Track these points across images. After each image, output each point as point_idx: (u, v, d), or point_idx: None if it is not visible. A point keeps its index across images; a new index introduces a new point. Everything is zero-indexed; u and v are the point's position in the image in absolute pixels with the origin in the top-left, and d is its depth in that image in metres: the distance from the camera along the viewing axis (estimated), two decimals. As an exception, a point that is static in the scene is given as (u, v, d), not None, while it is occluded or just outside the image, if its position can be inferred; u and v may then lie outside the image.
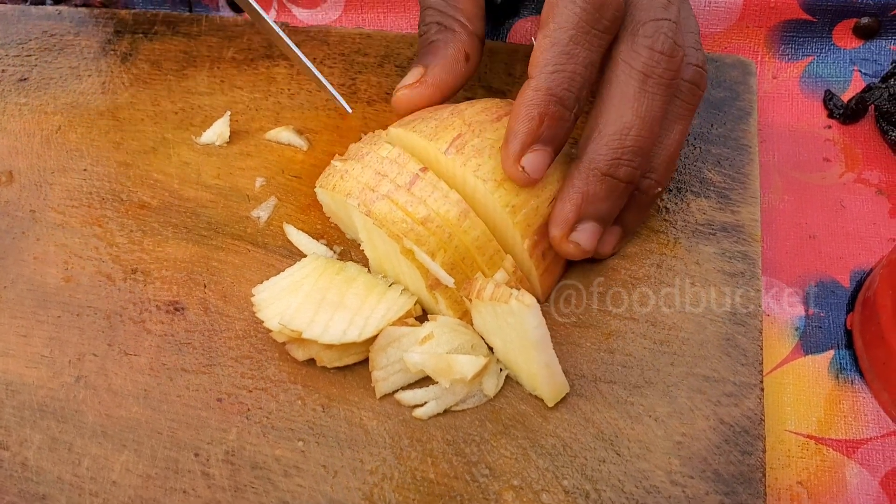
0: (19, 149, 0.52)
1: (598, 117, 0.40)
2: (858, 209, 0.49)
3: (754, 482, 0.37)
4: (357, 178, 0.40)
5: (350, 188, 0.40)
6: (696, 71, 0.42)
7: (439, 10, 0.45)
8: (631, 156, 0.39)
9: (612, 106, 0.39)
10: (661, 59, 0.39)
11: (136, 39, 0.58)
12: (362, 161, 0.41)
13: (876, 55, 0.54)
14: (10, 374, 0.43)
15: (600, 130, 0.39)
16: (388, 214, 0.39)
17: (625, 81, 0.39)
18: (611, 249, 0.44)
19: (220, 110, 0.53)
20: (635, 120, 0.39)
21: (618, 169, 0.39)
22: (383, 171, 0.40)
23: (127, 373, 0.42)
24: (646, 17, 0.39)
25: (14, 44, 0.58)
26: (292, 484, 0.38)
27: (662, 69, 0.39)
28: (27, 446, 0.40)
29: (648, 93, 0.39)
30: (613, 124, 0.39)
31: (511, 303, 0.37)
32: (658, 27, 0.39)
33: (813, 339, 0.45)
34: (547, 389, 0.39)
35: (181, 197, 0.49)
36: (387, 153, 0.41)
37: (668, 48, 0.39)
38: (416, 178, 0.39)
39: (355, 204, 0.40)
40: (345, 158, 0.42)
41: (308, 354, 0.41)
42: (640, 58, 0.39)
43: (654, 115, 0.39)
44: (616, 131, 0.39)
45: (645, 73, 0.39)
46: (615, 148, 0.39)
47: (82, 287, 0.46)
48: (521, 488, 0.37)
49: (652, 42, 0.39)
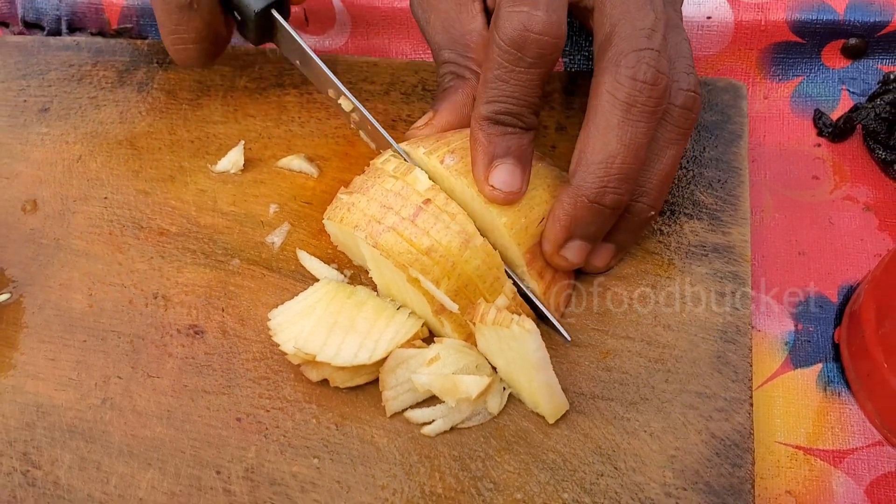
0: (42, 178, 0.55)
1: (585, 145, 0.42)
2: (847, 226, 0.51)
3: (744, 493, 0.39)
4: (363, 210, 0.43)
5: (357, 220, 0.43)
6: (688, 96, 0.43)
7: (454, 59, 0.48)
8: (617, 183, 0.41)
9: (598, 135, 0.41)
10: (644, 87, 0.41)
11: (151, 69, 0.60)
12: (367, 194, 0.43)
13: (864, 74, 0.56)
14: (40, 397, 0.45)
15: (587, 159, 0.42)
16: (394, 246, 0.41)
17: (609, 111, 0.41)
18: (603, 265, 0.46)
19: (234, 139, 0.55)
20: (620, 148, 0.41)
21: (604, 196, 0.42)
22: (388, 203, 0.42)
23: (150, 394, 0.44)
24: (628, 47, 0.41)
25: (35, 74, 0.61)
26: (309, 499, 0.40)
27: (645, 98, 0.41)
28: (58, 465, 0.43)
29: (632, 121, 0.41)
30: (600, 153, 0.41)
31: (512, 327, 0.39)
32: (640, 57, 0.41)
33: (802, 353, 0.47)
34: (547, 407, 0.41)
35: (198, 223, 0.51)
36: (391, 186, 0.43)
37: (650, 77, 0.41)
38: (419, 209, 0.42)
39: (362, 236, 0.42)
40: (350, 191, 0.44)
41: (321, 375, 0.43)
42: (623, 88, 0.41)
43: (639, 142, 0.41)
44: (602, 160, 0.41)
45: (628, 103, 0.41)
46: (601, 176, 0.41)
47: (106, 312, 0.48)
48: (523, 501, 0.40)
49: (634, 72, 0.41)
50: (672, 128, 0.43)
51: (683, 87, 0.43)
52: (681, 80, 0.43)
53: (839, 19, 0.55)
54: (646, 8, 0.42)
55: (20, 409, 0.45)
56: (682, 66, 0.44)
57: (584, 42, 0.58)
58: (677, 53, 0.44)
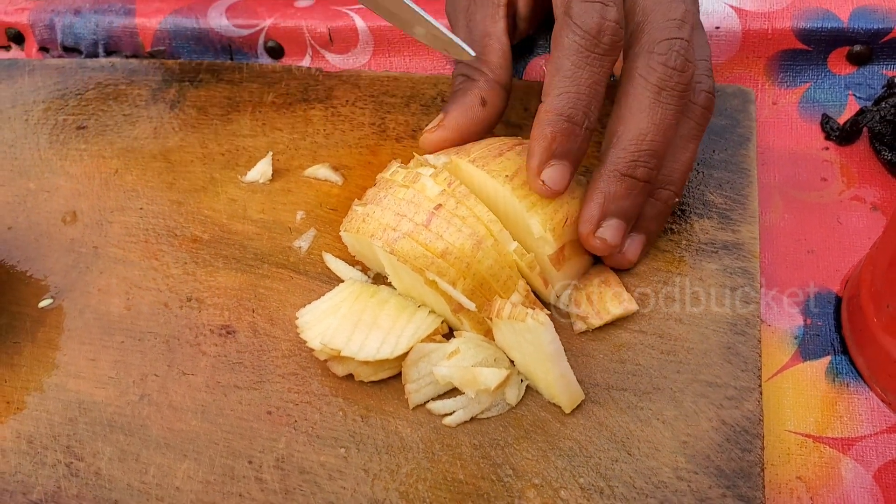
0: (81, 191, 0.58)
1: (617, 125, 0.45)
2: (854, 225, 0.53)
3: (753, 476, 0.41)
4: (378, 219, 0.45)
5: (373, 230, 0.45)
6: (707, 97, 0.47)
7: (467, 63, 0.50)
8: (647, 157, 0.44)
9: (630, 115, 0.44)
10: (674, 73, 0.44)
11: (183, 87, 0.63)
12: (381, 204, 0.45)
13: (869, 80, 0.58)
14: (82, 394, 0.48)
15: (619, 136, 0.44)
16: (410, 251, 0.44)
17: (641, 94, 0.44)
18: (635, 257, 0.48)
19: (262, 151, 0.58)
20: (651, 127, 0.44)
21: (636, 169, 0.44)
22: (401, 211, 0.45)
23: (186, 390, 0.47)
24: (661, 35, 0.44)
25: (73, 94, 0.64)
26: (336, 486, 0.42)
27: (675, 82, 0.44)
28: (100, 457, 0.45)
29: (662, 103, 0.44)
30: (632, 131, 0.44)
31: (527, 321, 0.41)
32: (671, 45, 0.44)
33: (811, 346, 0.48)
34: (563, 397, 0.43)
35: (230, 231, 0.54)
36: (402, 195, 0.45)
37: (680, 64, 0.44)
38: (432, 215, 0.44)
39: (379, 244, 0.44)
40: (364, 202, 0.47)
41: (347, 370, 0.45)
42: (655, 73, 0.44)
43: (668, 122, 0.44)
44: (634, 137, 0.44)
45: (659, 87, 0.44)
46: (633, 151, 0.44)
47: (143, 315, 0.50)
48: (541, 486, 0.41)
49: (666, 59, 0.44)
50: (694, 124, 0.47)
51: (704, 88, 0.47)
52: (703, 81, 0.47)
53: (844, 27, 0.57)
54: (677, 0, 0.45)
55: (63, 405, 0.47)
56: (703, 68, 0.47)
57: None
58: (700, 54, 0.48)
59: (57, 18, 0.69)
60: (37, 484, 0.45)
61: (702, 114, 0.47)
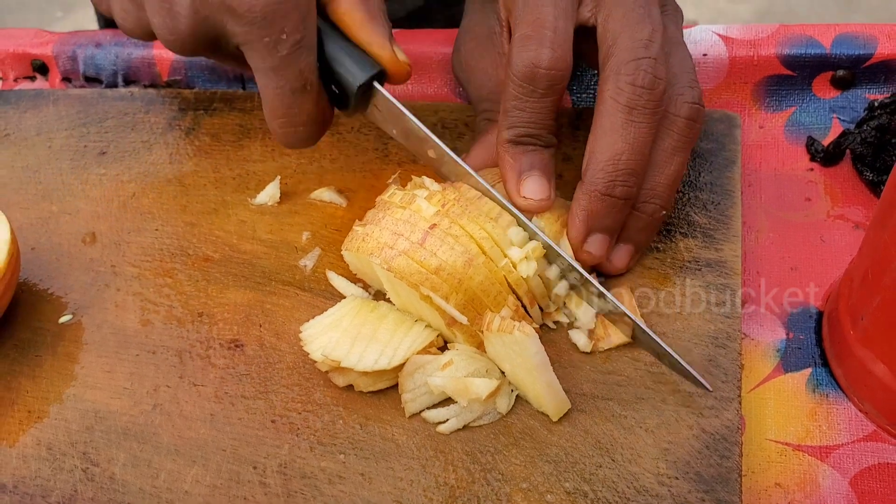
0: (100, 213, 0.61)
1: (594, 146, 0.47)
2: (837, 243, 0.55)
3: (731, 482, 0.43)
4: (377, 238, 0.47)
5: (371, 248, 0.47)
6: (692, 108, 0.48)
7: (490, 108, 0.54)
8: (625, 177, 0.47)
9: (605, 136, 0.47)
10: (643, 92, 0.46)
11: (197, 115, 0.66)
12: (379, 224, 0.48)
13: (853, 103, 0.60)
14: (98, 404, 0.50)
15: (596, 157, 0.47)
16: (406, 268, 0.46)
17: (613, 115, 0.46)
18: (624, 265, 0.50)
19: (271, 175, 0.61)
20: (625, 147, 0.46)
21: (615, 189, 0.47)
22: (398, 230, 0.47)
23: (196, 400, 0.49)
24: (628, 56, 0.46)
25: (94, 122, 0.68)
26: (336, 490, 0.45)
27: (645, 100, 0.46)
28: (114, 463, 0.48)
29: (635, 122, 0.46)
30: (607, 151, 0.47)
31: (515, 333, 0.43)
32: (638, 65, 0.46)
33: (792, 359, 0.50)
34: (550, 406, 0.45)
35: (239, 250, 0.57)
36: (400, 215, 0.48)
37: (648, 82, 0.46)
38: (426, 234, 0.46)
39: (378, 262, 0.47)
40: (364, 223, 0.49)
41: (347, 381, 0.48)
42: (624, 94, 0.46)
43: (643, 140, 0.47)
44: (610, 157, 0.46)
45: (630, 106, 0.46)
46: (610, 171, 0.46)
47: (157, 329, 0.53)
48: (528, 490, 0.44)
49: (633, 79, 0.46)
50: (678, 137, 0.49)
51: (688, 99, 0.49)
52: (685, 93, 0.49)
53: (827, 53, 0.59)
54: (644, 21, 0.47)
55: (81, 414, 0.50)
56: (686, 80, 0.49)
57: (591, 81, 0.63)
58: (681, 68, 0.50)
59: (79, 50, 0.72)
60: (55, 488, 0.47)
61: (685, 125, 0.48)
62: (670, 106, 0.48)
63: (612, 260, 0.50)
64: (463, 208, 0.48)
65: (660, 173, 0.49)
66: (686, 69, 0.50)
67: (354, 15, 0.48)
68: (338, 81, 0.49)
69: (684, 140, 0.49)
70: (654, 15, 0.48)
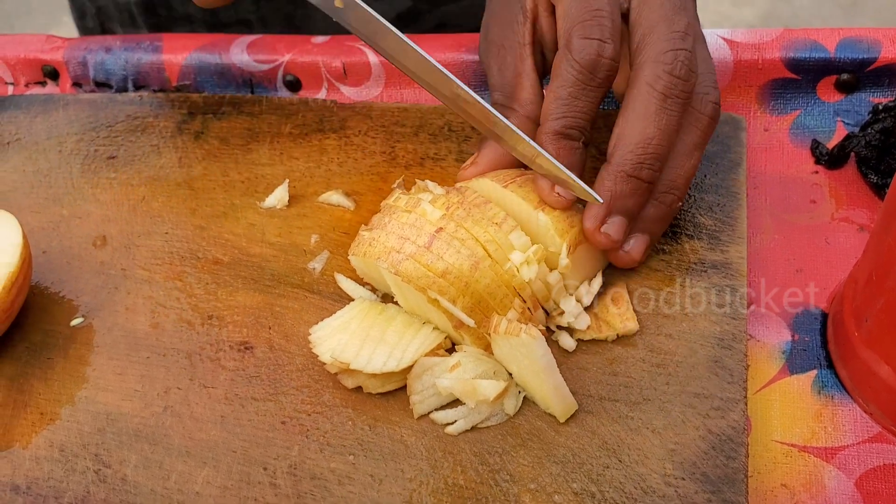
0: (110, 217, 0.62)
1: (625, 128, 0.48)
2: (842, 245, 0.55)
3: (737, 482, 0.43)
4: (383, 243, 0.48)
5: (378, 253, 0.48)
6: (714, 107, 0.50)
7: (501, 101, 0.54)
8: (652, 161, 0.48)
9: (637, 120, 0.48)
10: (679, 82, 0.47)
11: (206, 119, 0.67)
12: (385, 229, 0.49)
13: (857, 106, 0.60)
14: (109, 406, 0.51)
15: (626, 140, 0.48)
16: (413, 272, 0.47)
17: (647, 100, 0.47)
18: (640, 256, 0.51)
19: (280, 178, 0.61)
20: (656, 132, 0.47)
21: (641, 171, 0.48)
22: (404, 235, 0.48)
23: (206, 402, 0.50)
24: (666, 46, 0.47)
25: (103, 126, 0.68)
26: (345, 491, 0.45)
27: (679, 90, 0.47)
28: (126, 465, 0.48)
29: (668, 110, 0.47)
30: (639, 135, 0.47)
31: (521, 336, 0.44)
32: (676, 56, 0.47)
33: (798, 360, 0.50)
34: (557, 408, 0.46)
35: (248, 253, 0.57)
36: (405, 219, 0.48)
37: (684, 73, 0.47)
38: (433, 237, 0.47)
39: (385, 266, 0.47)
40: (370, 227, 0.50)
41: (356, 383, 0.48)
42: (661, 81, 0.47)
43: (672, 128, 0.48)
44: (641, 141, 0.47)
45: (665, 94, 0.47)
46: (639, 154, 0.47)
47: (167, 332, 0.54)
48: (536, 491, 0.44)
49: (671, 68, 0.47)
50: (701, 134, 0.50)
51: (712, 99, 0.50)
52: (710, 92, 0.50)
53: (831, 57, 0.60)
54: (680, 13, 0.49)
55: (92, 416, 0.51)
56: (710, 80, 0.50)
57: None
58: (706, 67, 0.51)
59: (89, 56, 0.73)
60: (68, 489, 0.48)
61: (708, 123, 0.50)
62: (696, 103, 0.49)
63: (629, 251, 0.50)
64: (467, 212, 0.48)
65: (680, 166, 0.50)
66: (709, 68, 0.51)
67: None
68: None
69: (705, 137, 0.50)
70: (690, 8, 0.49)
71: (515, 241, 0.48)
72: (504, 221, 0.48)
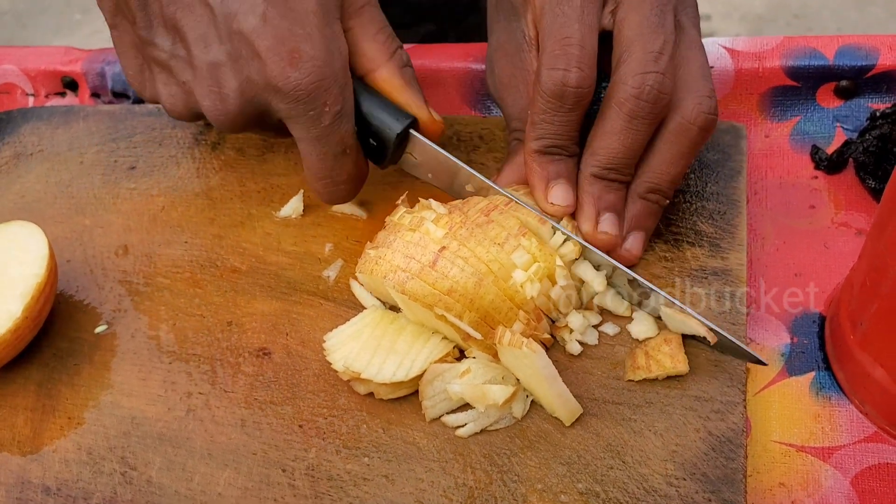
0: (131, 226, 0.64)
1: (593, 139, 0.52)
2: (840, 249, 0.57)
3: (736, 482, 0.45)
4: (389, 261, 0.50)
5: (385, 271, 0.50)
6: (708, 118, 0.51)
7: (520, 127, 0.56)
8: (619, 167, 0.51)
9: (605, 135, 0.51)
10: (646, 105, 0.49)
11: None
12: (391, 247, 0.50)
13: (855, 112, 0.62)
14: (134, 411, 0.53)
15: (594, 150, 0.51)
16: (419, 290, 0.48)
17: (615, 119, 0.50)
18: (639, 250, 0.53)
19: (295, 188, 0.63)
20: (622, 149, 0.51)
21: (609, 174, 0.51)
22: (410, 253, 0.49)
23: (227, 406, 0.52)
24: (638, 69, 0.49)
25: (123, 137, 0.70)
26: (360, 492, 0.47)
27: (646, 112, 0.49)
28: (151, 467, 0.51)
29: (633, 130, 0.50)
30: (604, 149, 0.51)
31: (523, 348, 0.46)
32: (644, 80, 0.49)
33: (797, 362, 0.52)
34: (562, 412, 0.48)
35: (265, 262, 0.59)
36: (410, 238, 0.50)
37: (652, 97, 0.49)
38: (437, 256, 0.49)
39: (391, 285, 0.49)
40: (376, 245, 0.52)
41: (368, 390, 0.50)
42: (628, 104, 0.49)
43: (640, 142, 0.51)
44: (606, 153, 0.51)
45: (630, 116, 0.50)
46: (605, 163, 0.51)
47: (188, 339, 0.56)
48: (543, 491, 0.46)
49: (639, 92, 0.49)
50: (690, 144, 0.51)
51: (705, 110, 0.51)
52: (703, 102, 0.51)
53: (830, 64, 0.61)
54: (657, 31, 0.50)
55: (118, 420, 0.53)
56: (705, 90, 0.51)
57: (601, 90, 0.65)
58: (700, 74, 0.52)
59: (107, 67, 0.75)
60: (96, 490, 0.50)
61: (698, 134, 0.51)
62: (685, 113, 0.50)
63: (629, 249, 0.53)
64: (469, 231, 0.50)
65: (665, 172, 0.52)
66: (704, 76, 0.52)
67: (394, 81, 0.54)
68: (375, 134, 0.54)
69: (694, 147, 0.52)
70: (668, 24, 0.50)
71: (518, 260, 0.49)
72: (506, 241, 0.50)
